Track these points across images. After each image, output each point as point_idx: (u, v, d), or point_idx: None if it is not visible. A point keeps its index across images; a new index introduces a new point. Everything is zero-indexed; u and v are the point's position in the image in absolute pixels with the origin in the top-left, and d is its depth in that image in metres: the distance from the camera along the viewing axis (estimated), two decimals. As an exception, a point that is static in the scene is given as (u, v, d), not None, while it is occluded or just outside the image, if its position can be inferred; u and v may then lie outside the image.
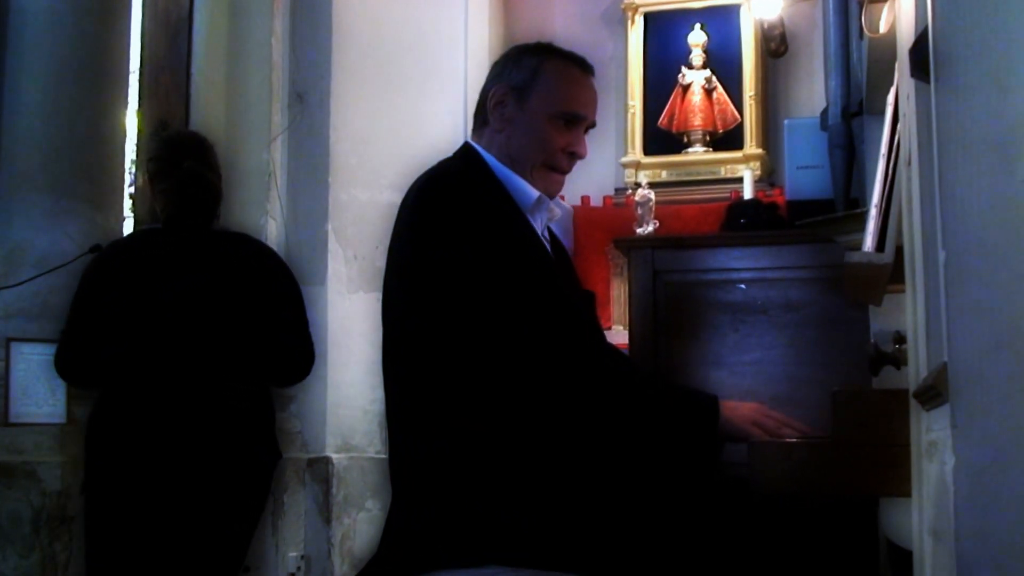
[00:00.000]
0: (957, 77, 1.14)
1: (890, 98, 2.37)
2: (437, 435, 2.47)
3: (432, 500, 2.45)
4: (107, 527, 3.48)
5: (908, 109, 1.57)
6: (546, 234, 2.73)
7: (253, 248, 3.81)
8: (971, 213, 1.13)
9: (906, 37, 1.63)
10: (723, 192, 6.08)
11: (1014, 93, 1.13)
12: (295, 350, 3.74)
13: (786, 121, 3.99)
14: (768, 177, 6.29)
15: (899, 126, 2.18)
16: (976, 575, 1.14)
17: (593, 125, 2.76)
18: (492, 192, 2.59)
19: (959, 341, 1.13)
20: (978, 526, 1.14)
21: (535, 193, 2.64)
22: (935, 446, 1.33)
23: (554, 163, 2.66)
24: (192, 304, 3.54)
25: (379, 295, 6.07)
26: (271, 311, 3.64)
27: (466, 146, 2.72)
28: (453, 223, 2.47)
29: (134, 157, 5.79)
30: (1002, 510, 1.13)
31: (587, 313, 2.75)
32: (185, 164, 3.69)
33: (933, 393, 1.19)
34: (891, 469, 2.07)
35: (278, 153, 6.00)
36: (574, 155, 2.68)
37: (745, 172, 5.51)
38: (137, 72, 5.99)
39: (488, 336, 2.42)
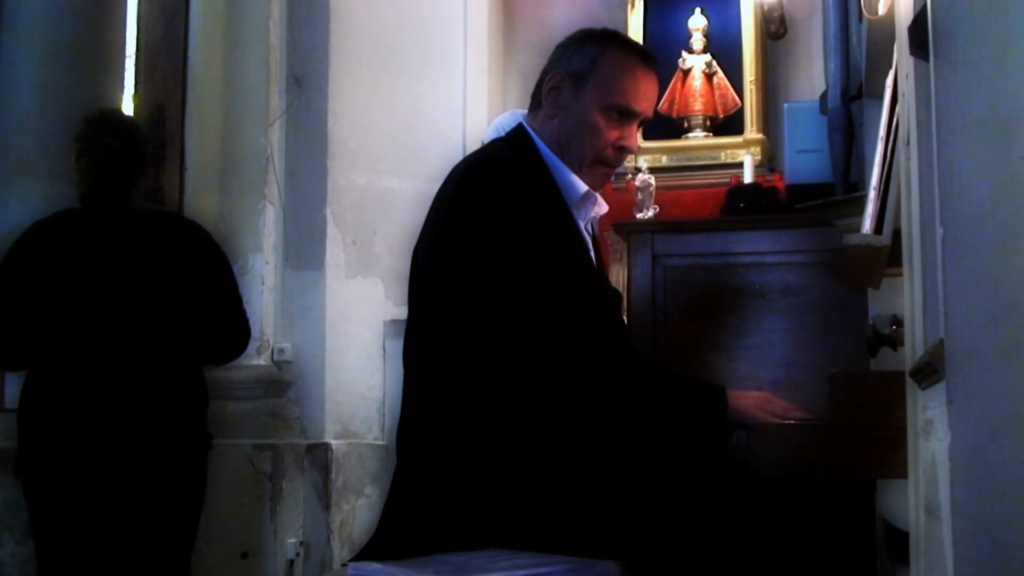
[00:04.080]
0: (956, 54, 1.15)
1: (889, 80, 2.38)
2: (451, 419, 2.47)
3: (436, 483, 2.46)
4: (44, 511, 3.46)
5: (907, 88, 1.58)
6: (589, 229, 2.73)
7: (178, 226, 3.75)
8: (969, 190, 1.14)
9: (905, 16, 1.64)
10: (723, 177, 6.07)
11: (1013, 70, 1.13)
12: (226, 328, 3.70)
13: (785, 105, 3.99)
14: (768, 162, 6.28)
15: (898, 107, 2.18)
16: (972, 552, 1.14)
17: (649, 120, 2.74)
18: (539, 184, 2.56)
19: (956, 318, 1.14)
20: (974, 503, 1.14)
21: (582, 188, 2.62)
22: (931, 424, 1.34)
23: (603, 156, 2.65)
24: (112, 284, 3.50)
25: (377, 280, 6.13)
26: (199, 289, 3.60)
27: (520, 129, 2.70)
28: (496, 213, 2.45)
29: (131, 142, 5.79)
30: (998, 486, 1.13)
31: (615, 314, 2.75)
32: (104, 142, 3.65)
33: (930, 370, 1.20)
34: (889, 451, 2.08)
35: (276, 137, 6.00)
36: (623, 149, 2.67)
37: (745, 157, 5.51)
38: (133, 56, 5.99)
39: (515, 329, 2.42)
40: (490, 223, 2.44)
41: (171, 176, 6.01)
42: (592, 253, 2.72)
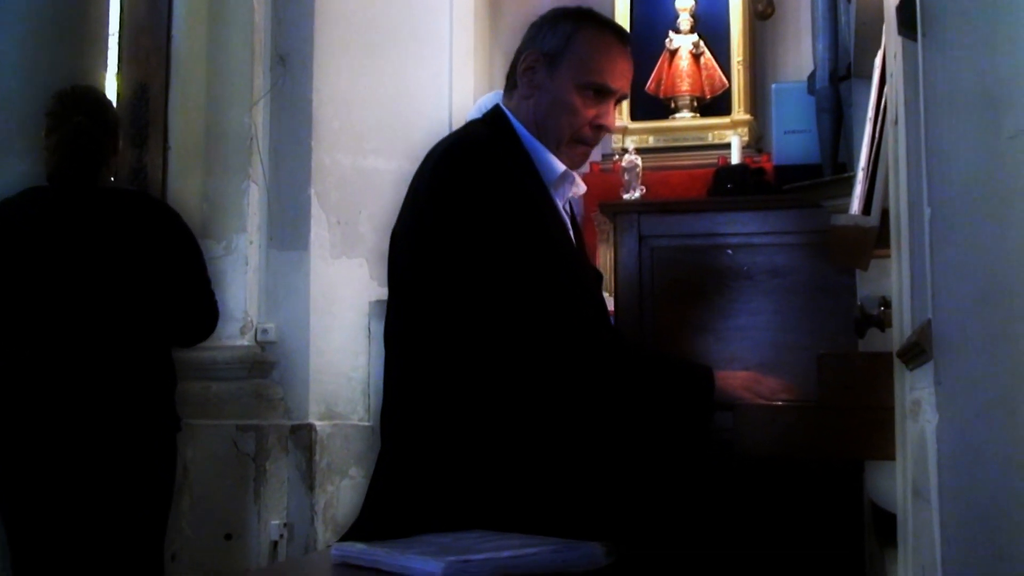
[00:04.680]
0: (944, 32, 1.15)
1: (877, 60, 2.37)
2: (434, 401, 2.47)
3: (420, 465, 2.46)
4: (11, 494, 3.44)
5: (895, 68, 1.58)
6: (567, 208, 2.72)
7: (146, 205, 3.71)
8: (957, 169, 1.14)
9: (893, -5, 1.63)
10: (711, 158, 6.08)
11: (1001, 48, 1.13)
12: (194, 309, 3.68)
13: (773, 85, 3.98)
14: (756, 143, 6.29)
15: (886, 87, 2.18)
16: (958, 533, 1.15)
17: (625, 97, 2.74)
18: (518, 164, 2.56)
19: (944, 298, 1.14)
20: (961, 484, 1.15)
21: (560, 168, 2.62)
22: (918, 405, 1.34)
23: (580, 135, 2.64)
24: (77, 264, 3.47)
25: (362, 260, 6.11)
26: (166, 269, 3.57)
27: (496, 110, 2.70)
28: (475, 193, 2.45)
29: (114, 121, 5.77)
30: (985, 467, 1.14)
31: (596, 295, 2.75)
32: (74, 120, 3.62)
33: (917, 351, 1.20)
34: (876, 432, 2.08)
35: (260, 117, 5.98)
36: (601, 127, 2.67)
37: (733, 138, 5.51)
38: (117, 34, 5.96)
39: (496, 310, 2.42)
40: (469, 204, 2.44)
41: (154, 156, 5.99)
42: (571, 233, 2.72)
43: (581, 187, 2.74)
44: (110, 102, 3.89)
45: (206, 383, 5.74)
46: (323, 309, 5.86)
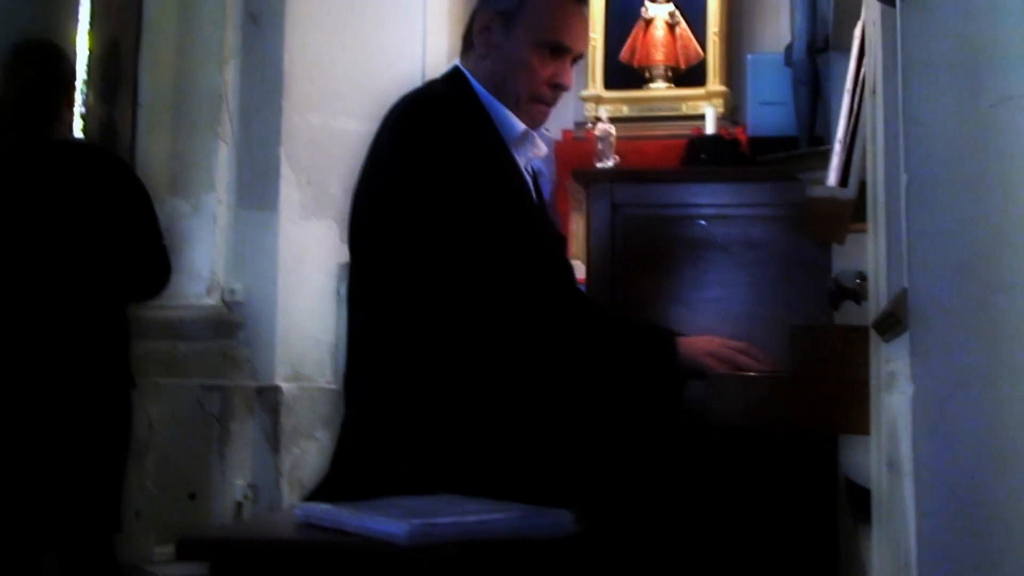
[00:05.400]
0: (923, -1, 1.14)
1: (857, 32, 2.36)
2: (397, 363, 2.47)
3: (384, 427, 2.45)
4: None
5: (874, 36, 1.57)
6: (530, 169, 2.72)
7: (97, 158, 3.65)
8: (935, 136, 1.13)
9: (875, -36, 1.62)
10: (685, 129, 6.08)
11: (981, 15, 1.12)
12: (145, 264, 3.62)
13: (749, 56, 3.96)
14: (731, 115, 6.29)
15: (865, 58, 2.17)
16: (934, 506, 1.14)
17: (581, 56, 2.74)
18: (479, 121, 2.56)
19: (920, 267, 1.13)
20: (937, 456, 1.14)
21: (521, 126, 2.62)
22: (894, 377, 1.34)
23: (538, 94, 2.64)
24: (27, 217, 3.43)
25: (331, 223, 6.10)
26: (117, 223, 3.52)
27: (455, 70, 2.69)
28: (437, 148, 2.45)
29: (85, 77, 5.72)
30: (961, 440, 1.13)
31: (560, 253, 2.75)
32: (25, 73, 3.57)
33: (893, 321, 1.20)
34: (849, 406, 2.07)
35: (231, 75, 5.95)
36: (559, 86, 2.67)
37: (707, 109, 5.50)
38: (89, -10, 5.91)
39: (459, 268, 2.42)
40: (429, 160, 2.44)
41: (124, 112, 5.94)
42: (534, 193, 2.72)
43: (542, 148, 2.74)
44: (65, 55, 3.81)
45: (172, 342, 5.71)
46: (291, 270, 5.85)
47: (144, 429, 4.16)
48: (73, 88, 3.67)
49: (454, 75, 2.68)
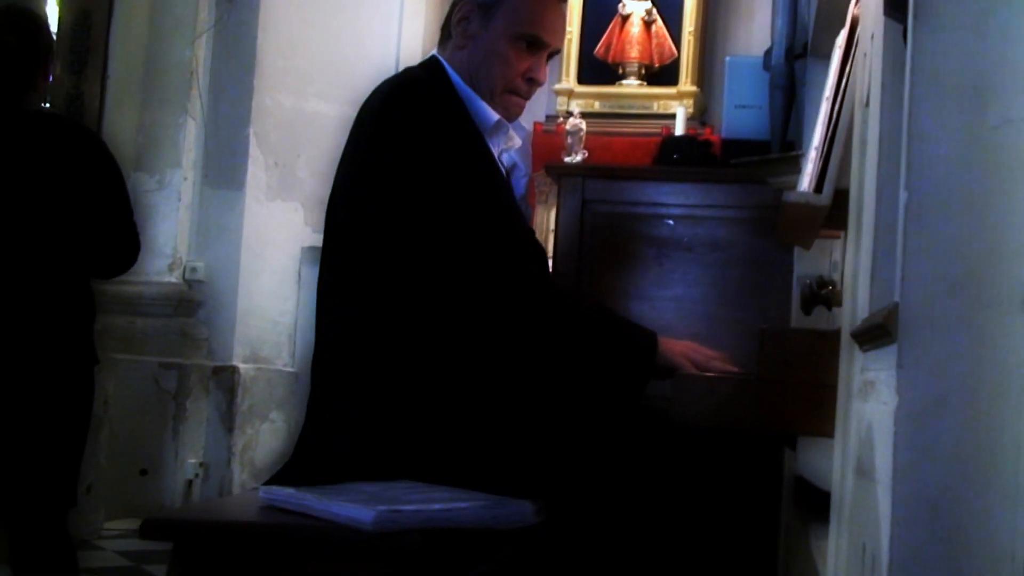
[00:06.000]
0: (936, 16, 1.15)
1: (839, 40, 2.38)
2: (366, 349, 2.46)
3: (351, 413, 2.45)
4: None
5: (872, 49, 1.58)
6: (503, 159, 2.72)
7: (70, 130, 3.59)
8: (938, 155, 1.14)
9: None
10: (655, 127, 6.09)
11: (992, 36, 1.14)
12: (115, 240, 3.57)
13: (727, 58, 3.98)
14: (700, 115, 6.31)
15: (848, 68, 2.19)
16: (909, 515, 1.16)
17: (557, 52, 2.75)
18: (456, 111, 2.57)
19: (913, 283, 1.15)
20: (915, 467, 1.16)
21: (494, 116, 2.62)
22: (871, 386, 1.35)
23: (512, 87, 2.64)
24: (1, 189, 3.38)
25: (297, 205, 6.07)
26: (88, 197, 3.47)
27: (433, 59, 2.69)
28: (418, 137, 2.45)
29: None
30: (940, 453, 1.15)
31: (537, 247, 2.76)
32: (4, 38, 3.49)
33: (879, 333, 1.21)
34: (813, 409, 2.10)
35: (202, 51, 5.91)
36: (533, 81, 2.67)
37: (678, 109, 5.52)
38: (61, -42, 5.86)
39: (434, 257, 2.42)
40: (412, 147, 2.45)
41: (92, 84, 5.89)
42: (507, 183, 2.73)
43: (516, 140, 2.75)
44: (46, 24, 3.76)
45: (131, 318, 5.68)
46: (255, 251, 5.83)
47: (99, 404, 4.12)
48: (51, 58, 3.61)
49: (431, 63, 2.69)
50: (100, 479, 5.19)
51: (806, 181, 2.30)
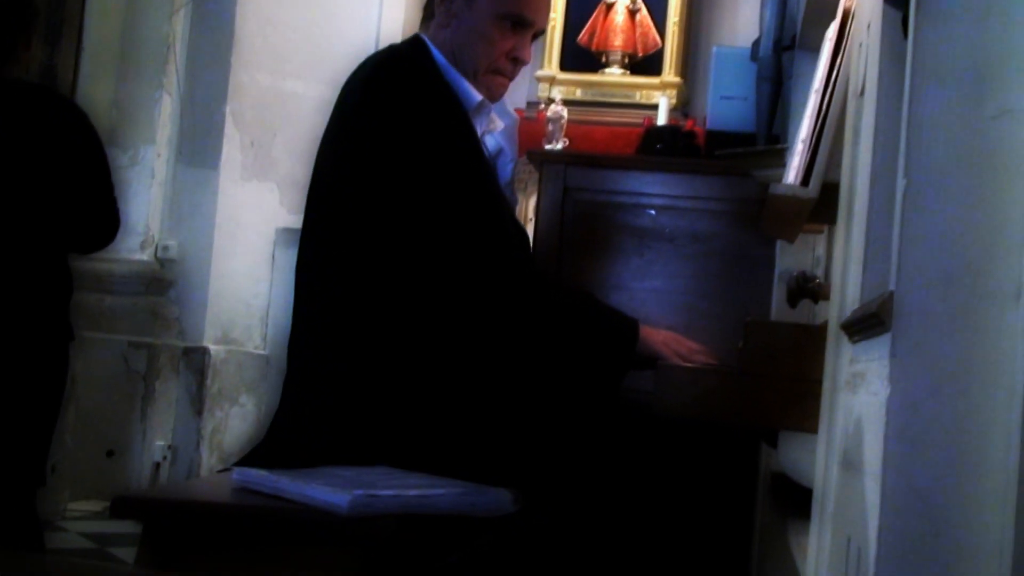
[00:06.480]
0: (938, 5, 1.15)
1: (830, 32, 2.38)
2: (345, 332, 2.46)
3: (327, 396, 2.44)
4: None
5: (870, 38, 1.59)
6: (487, 143, 2.72)
7: (52, 102, 3.55)
8: (937, 144, 1.15)
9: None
10: (637, 117, 6.10)
11: (994, 25, 1.14)
12: (95, 215, 3.54)
13: (714, 48, 3.98)
14: (683, 106, 6.32)
15: (839, 61, 2.19)
16: (899, 506, 1.17)
17: (542, 32, 2.74)
18: (440, 90, 2.56)
19: (909, 272, 1.15)
20: (906, 458, 1.16)
21: (477, 97, 2.62)
22: (861, 378, 1.36)
23: (496, 66, 2.64)
24: None
25: (272, 186, 6.04)
26: (69, 171, 3.43)
27: (416, 38, 2.68)
28: (403, 117, 2.45)
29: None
30: (932, 443, 1.15)
31: (520, 230, 2.76)
32: None
33: (872, 323, 1.21)
34: (796, 403, 2.11)
35: (180, 25, 5.87)
36: (517, 60, 2.67)
37: (661, 99, 5.52)
38: (37, -75, 5.79)
39: (417, 241, 2.42)
40: (396, 126, 2.45)
41: (66, 56, 5.84)
42: (490, 164, 2.72)
43: (498, 123, 2.75)
44: None
45: (100, 295, 5.65)
46: (228, 231, 5.80)
47: (67, 382, 4.10)
48: (33, 27, 3.58)
49: (414, 42, 2.68)
50: (65, 458, 5.16)
51: (792, 174, 2.30)
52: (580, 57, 6.56)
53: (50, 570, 1.62)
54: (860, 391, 1.36)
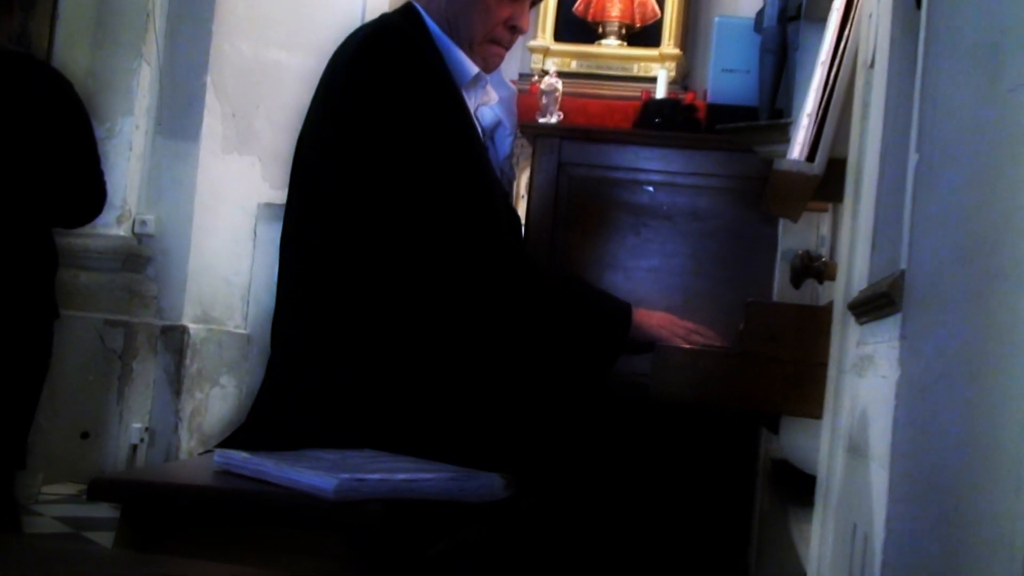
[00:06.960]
0: (955, -26, 1.15)
1: (837, 2, 2.37)
2: (330, 312, 2.46)
3: (311, 377, 2.44)
4: None
5: (881, 8, 1.58)
6: (482, 115, 2.71)
7: (36, 71, 3.55)
8: (951, 118, 1.14)
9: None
10: (634, 90, 6.08)
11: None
12: (80, 189, 3.52)
13: (717, 19, 3.95)
14: (683, 80, 6.30)
15: (847, 32, 2.18)
16: (908, 492, 1.17)
17: (539, 1, 2.74)
18: (433, 62, 2.55)
19: (922, 250, 1.15)
20: (916, 442, 1.16)
21: (473, 69, 2.62)
22: (869, 360, 1.36)
23: (493, 35, 2.64)
24: None
25: (254, 159, 6.02)
26: (54, 143, 3.42)
27: (409, 6, 2.67)
28: (393, 89, 2.45)
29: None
30: (942, 427, 1.15)
31: (511, 209, 2.75)
32: None
33: (882, 302, 1.21)
34: (798, 387, 2.10)
35: (160, -8, 5.85)
36: (515, 29, 2.66)
37: (660, 71, 5.51)
38: None
39: (402, 218, 2.41)
40: (385, 100, 2.44)
41: (40, 23, 5.81)
42: (482, 138, 2.72)
43: (492, 95, 2.75)
44: None
45: (75, 272, 5.63)
46: (208, 206, 5.79)
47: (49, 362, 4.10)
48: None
49: (407, 10, 2.67)
50: (39, 439, 5.14)
51: (797, 149, 2.29)
52: (575, 27, 6.54)
53: (28, 553, 1.62)
54: (867, 374, 1.36)
